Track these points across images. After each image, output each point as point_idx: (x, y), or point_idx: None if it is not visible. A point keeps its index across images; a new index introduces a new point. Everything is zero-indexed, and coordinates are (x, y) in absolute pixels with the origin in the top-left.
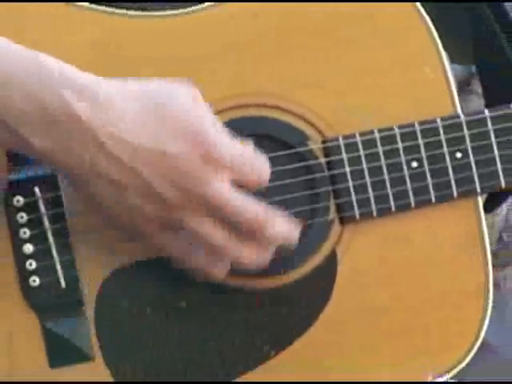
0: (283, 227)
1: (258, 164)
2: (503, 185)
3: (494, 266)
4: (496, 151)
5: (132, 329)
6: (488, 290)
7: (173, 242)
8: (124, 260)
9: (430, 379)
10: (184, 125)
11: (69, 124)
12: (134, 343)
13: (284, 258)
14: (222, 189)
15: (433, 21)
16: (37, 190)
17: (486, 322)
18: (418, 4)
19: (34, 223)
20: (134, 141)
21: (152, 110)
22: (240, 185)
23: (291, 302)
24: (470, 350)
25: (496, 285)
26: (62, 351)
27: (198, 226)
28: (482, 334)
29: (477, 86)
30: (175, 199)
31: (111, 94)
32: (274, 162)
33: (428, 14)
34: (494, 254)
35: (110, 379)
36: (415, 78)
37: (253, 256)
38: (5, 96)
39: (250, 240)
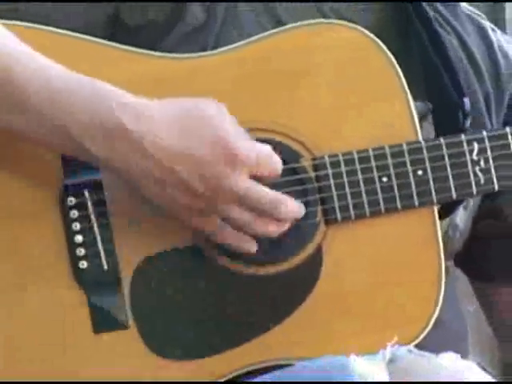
0: (292, 206)
1: (271, 161)
2: (454, 197)
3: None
4: (449, 170)
5: (159, 304)
6: (441, 278)
7: (206, 224)
8: (154, 249)
9: (389, 347)
10: (210, 133)
11: (119, 135)
12: (160, 316)
13: (281, 249)
14: (240, 181)
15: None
16: (86, 192)
17: (440, 301)
18: (380, 43)
19: (83, 219)
20: (171, 147)
21: (184, 122)
22: (258, 178)
23: (287, 285)
24: (428, 324)
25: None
26: (103, 320)
27: (228, 211)
28: (437, 310)
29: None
30: (204, 191)
31: (152, 110)
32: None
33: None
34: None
35: (142, 345)
36: (384, 110)
37: (274, 229)
38: (70, 112)
39: (270, 217)
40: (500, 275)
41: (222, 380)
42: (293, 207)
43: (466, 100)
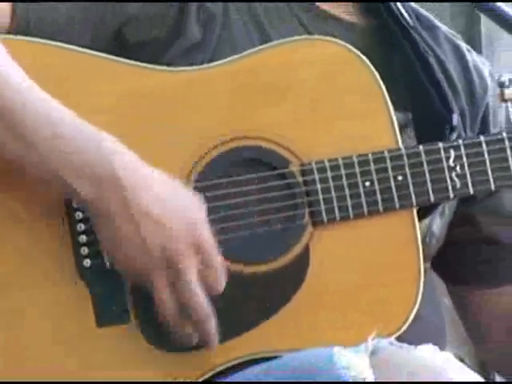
0: (212, 326)
1: (221, 275)
2: (432, 200)
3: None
4: (427, 176)
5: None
6: (420, 276)
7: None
8: None
9: (370, 339)
10: (190, 217)
11: (111, 184)
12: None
13: (270, 249)
14: (191, 269)
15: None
16: None
17: (419, 297)
18: (363, 57)
19: (87, 220)
20: (151, 207)
21: (171, 197)
22: (204, 279)
23: (275, 283)
24: (407, 318)
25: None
26: (105, 315)
27: (161, 288)
28: (417, 306)
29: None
30: (158, 259)
31: (146, 171)
32: (264, 179)
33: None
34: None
35: (141, 338)
36: (367, 120)
37: (186, 332)
38: (64, 157)
39: (187, 319)
40: (474, 279)
41: (216, 370)
42: (211, 327)
43: (455, 116)
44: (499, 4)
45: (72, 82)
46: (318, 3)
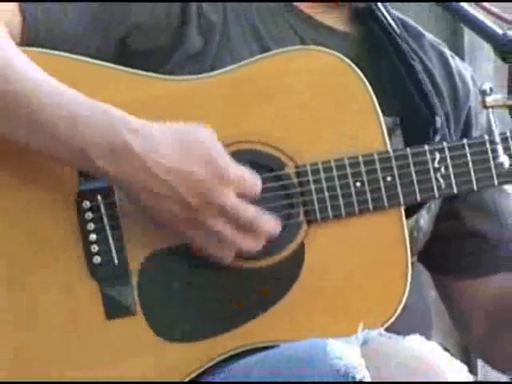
0: (271, 224)
1: (252, 182)
2: (419, 199)
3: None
4: (414, 176)
5: (163, 294)
6: (408, 271)
7: (195, 234)
8: (158, 246)
9: (361, 329)
10: (203, 154)
11: (127, 156)
12: (163, 304)
13: (268, 246)
14: (229, 198)
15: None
16: (99, 197)
17: (407, 291)
18: (354, 66)
19: (97, 220)
20: (169, 164)
21: (182, 143)
22: (241, 196)
23: (273, 277)
24: (396, 310)
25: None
26: (114, 308)
27: (213, 223)
28: (404, 298)
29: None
30: (197, 205)
31: (155, 133)
32: (262, 181)
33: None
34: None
35: (148, 329)
36: (358, 124)
37: (252, 245)
38: (85, 134)
39: (249, 233)
40: (458, 270)
41: (217, 359)
42: (270, 225)
43: (438, 119)
44: (469, 8)
45: (80, 90)
46: (312, 14)
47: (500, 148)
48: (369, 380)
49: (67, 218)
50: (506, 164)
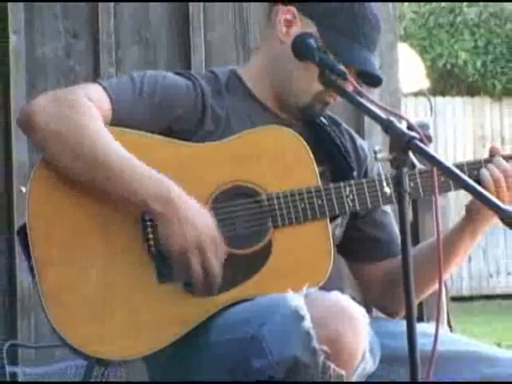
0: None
1: (220, 252)
2: (337, 213)
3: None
4: (334, 200)
5: None
6: (331, 251)
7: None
8: None
9: (305, 288)
10: (206, 223)
11: (170, 205)
12: None
13: (247, 241)
14: (210, 248)
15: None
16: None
17: (331, 264)
18: (301, 138)
19: (155, 233)
20: (189, 218)
21: (198, 210)
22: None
23: (249, 262)
24: (325, 276)
25: None
26: (164, 275)
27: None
28: (330, 269)
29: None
30: (192, 242)
31: (187, 200)
32: (245, 203)
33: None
34: None
35: (181, 289)
36: (301, 171)
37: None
38: (144, 187)
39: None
40: (362, 259)
41: (218, 308)
42: (216, 281)
43: (355, 173)
44: (363, 100)
45: (136, 151)
46: (276, 111)
47: (384, 183)
48: (308, 314)
49: (133, 226)
50: (388, 192)
